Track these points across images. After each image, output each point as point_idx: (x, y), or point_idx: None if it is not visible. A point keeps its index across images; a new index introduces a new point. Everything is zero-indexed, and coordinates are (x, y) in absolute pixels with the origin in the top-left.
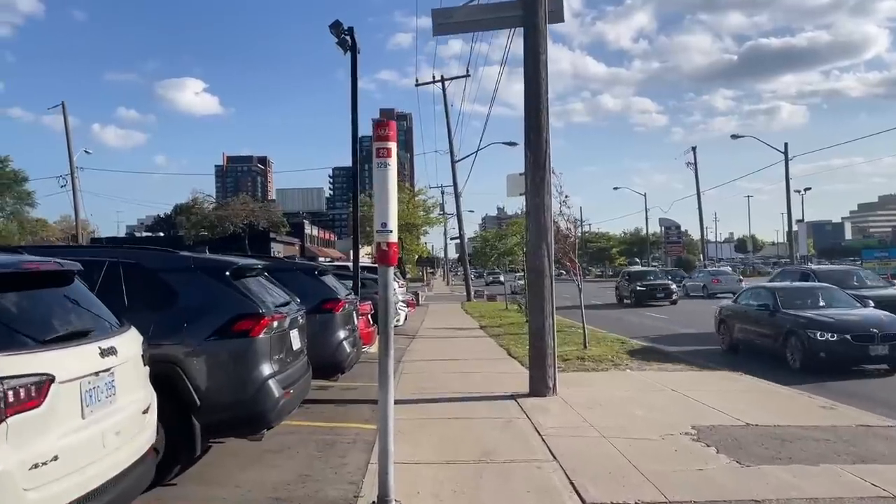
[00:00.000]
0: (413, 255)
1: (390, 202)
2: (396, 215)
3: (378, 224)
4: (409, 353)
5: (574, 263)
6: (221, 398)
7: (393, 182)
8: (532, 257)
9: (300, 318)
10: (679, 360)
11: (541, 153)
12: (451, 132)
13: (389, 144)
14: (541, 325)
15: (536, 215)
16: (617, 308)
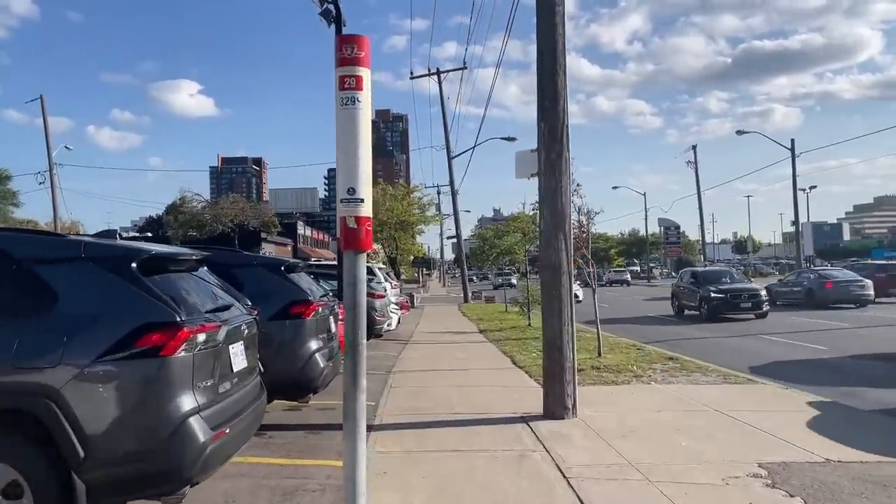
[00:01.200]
0: (408, 255)
1: (360, 157)
2: (370, 178)
3: (342, 189)
4: (401, 361)
5: (587, 261)
6: (119, 446)
7: (364, 127)
8: (546, 251)
9: (247, 327)
10: (707, 369)
11: (557, 124)
12: (447, 127)
13: (359, 71)
14: (557, 332)
15: (552, 200)
16: (683, 323)
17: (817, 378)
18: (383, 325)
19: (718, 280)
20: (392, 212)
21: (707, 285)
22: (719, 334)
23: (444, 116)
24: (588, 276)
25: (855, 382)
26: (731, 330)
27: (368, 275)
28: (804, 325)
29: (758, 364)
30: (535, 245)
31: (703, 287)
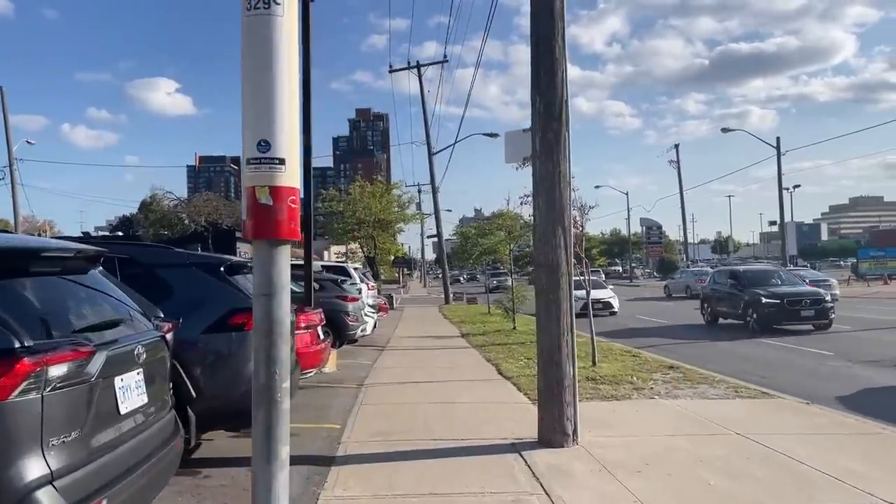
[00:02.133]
0: (388, 255)
1: (277, 92)
2: (295, 127)
3: (250, 144)
4: (375, 372)
5: (581, 261)
6: None
7: (287, 47)
8: (541, 248)
9: (149, 349)
10: (713, 380)
11: (555, 99)
12: (427, 122)
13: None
14: (555, 343)
15: (549, 188)
16: (727, 334)
17: None
18: (357, 331)
19: (767, 282)
20: (370, 210)
21: (754, 288)
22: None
23: (424, 112)
24: (582, 277)
25: None
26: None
27: (342, 276)
28: None
29: (846, 393)
30: (518, 245)
31: (749, 291)
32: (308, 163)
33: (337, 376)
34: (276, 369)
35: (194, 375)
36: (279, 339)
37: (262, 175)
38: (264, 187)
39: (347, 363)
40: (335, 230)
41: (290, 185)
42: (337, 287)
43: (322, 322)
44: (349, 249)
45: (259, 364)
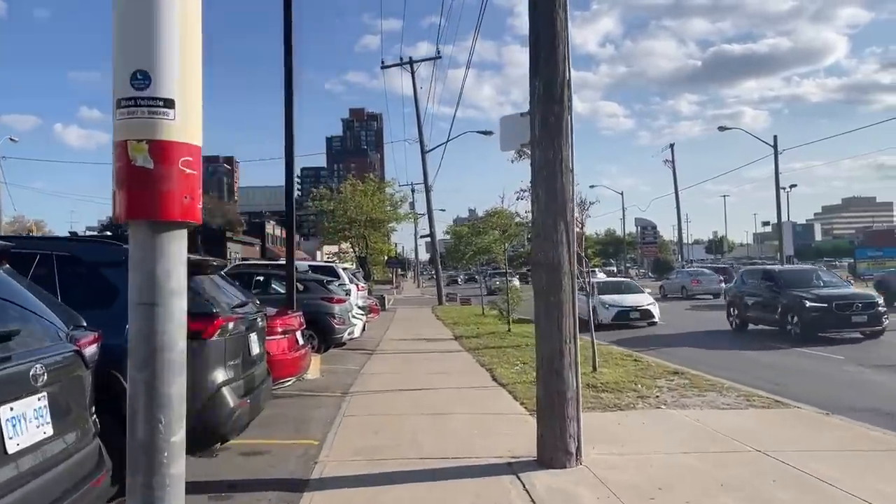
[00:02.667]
0: (380, 254)
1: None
2: (197, 61)
3: (120, 81)
4: (362, 378)
5: (581, 260)
6: None
7: None
8: (541, 245)
9: (53, 368)
10: (722, 387)
11: (556, 79)
12: (420, 119)
13: None
14: (556, 351)
15: (550, 177)
16: (761, 342)
17: None
18: (343, 334)
19: (808, 283)
20: (361, 208)
21: (793, 290)
22: None
23: (416, 109)
24: (580, 278)
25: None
26: None
27: (330, 276)
28: None
29: None
30: (512, 244)
31: (788, 293)
32: (290, 153)
33: (320, 383)
34: (163, 416)
35: None
36: (167, 369)
37: (139, 124)
38: (141, 142)
39: (333, 368)
40: (325, 229)
41: (185, 142)
42: (322, 288)
43: (302, 326)
44: (340, 249)
45: (135, 408)
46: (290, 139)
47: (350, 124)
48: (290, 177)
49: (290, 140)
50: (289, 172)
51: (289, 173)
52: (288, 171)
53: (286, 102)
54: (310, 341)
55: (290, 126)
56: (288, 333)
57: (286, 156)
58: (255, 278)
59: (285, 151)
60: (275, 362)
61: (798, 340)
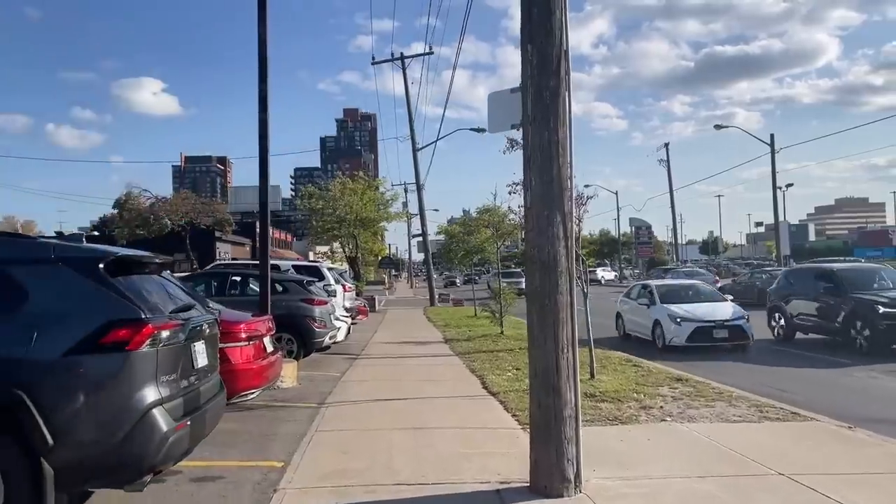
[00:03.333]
0: (370, 254)
1: None
2: None
3: None
4: (342, 387)
5: (578, 259)
6: None
7: None
8: (535, 239)
9: None
10: (731, 396)
11: (552, 49)
12: (411, 117)
13: None
14: (551, 363)
15: (545, 161)
16: (821, 357)
17: None
18: (325, 338)
19: (872, 284)
20: (351, 207)
21: (859, 293)
22: None
23: (408, 105)
24: (579, 278)
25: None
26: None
27: (314, 277)
28: None
29: None
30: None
31: (852, 296)
32: (264, 135)
33: (295, 393)
34: None
35: (53, 413)
36: None
37: None
38: None
39: (312, 375)
40: (314, 228)
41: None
42: (302, 289)
43: (270, 331)
44: (331, 249)
45: None
46: (265, 125)
47: (344, 124)
48: (265, 167)
49: (265, 125)
50: (262, 162)
51: (263, 167)
52: (262, 162)
53: (260, 96)
54: (287, 346)
55: (264, 107)
56: (253, 339)
57: (260, 151)
58: (230, 279)
59: (259, 143)
60: (237, 372)
61: (866, 354)
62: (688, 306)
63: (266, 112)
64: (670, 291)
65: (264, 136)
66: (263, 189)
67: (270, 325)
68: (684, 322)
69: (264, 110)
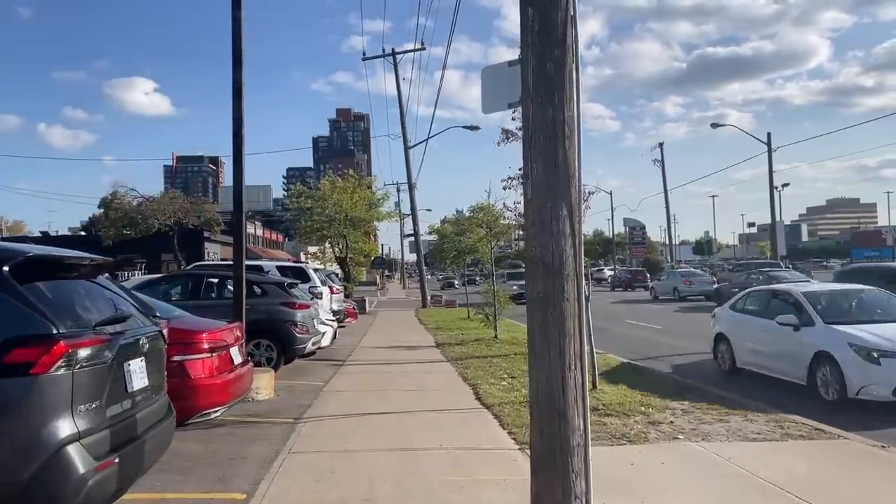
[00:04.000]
0: (360, 255)
1: None
2: None
3: None
4: (323, 399)
5: None
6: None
7: None
8: (537, 236)
9: None
10: (745, 410)
11: (556, 12)
12: (403, 113)
13: None
14: (555, 382)
15: (549, 143)
16: None
17: None
18: (307, 343)
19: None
20: (341, 206)
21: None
22: None
23: (400, 102)
24: None
25: None
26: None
27: (299, 278)
28: None
29: None
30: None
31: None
32: (238, 133)
33: (271, 406)
34: None
35: None
36: None
37: None
38: None
39: (291, 385)
40: (302, 228)
41: None
42: (283, 292)
43: (239, 340)
44: (320, 250)
45: None
46: (239, 122)
47: (337, 124)
48: (239, 166)
49: (239, 122)
50: (237, 163)
51: (237, 164)
52: (236, 164)
53: (234, 87)
54: (267, 353)
55: (238, 98)
56: (218, 350)
57: (234, 147)
58: (206, 281)
59: (234, 139)
60: (198, 388)
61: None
62: (879, 328)
63: (241, 102)
64: (834, 302)
65: (238, 134)
66: (238, 187)
67: (239, 333)
68: (886, 358)
69: (238, 100)
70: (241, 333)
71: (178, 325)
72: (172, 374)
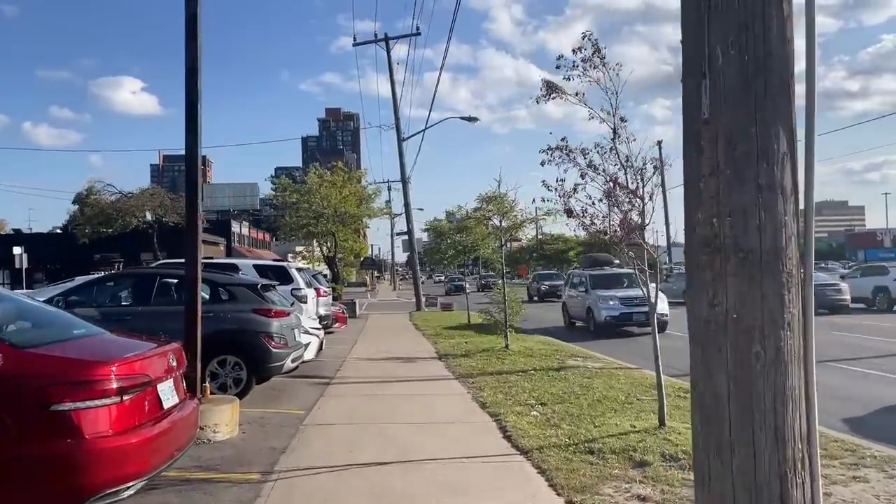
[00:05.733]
0: (350, 254)
1: None
2: None
3: None
4: (303, 438)
5: (642, 253)
6: None
7: None
8: (725, 195)
9: None
10: None
11: None
12: (396, 103)
13: None
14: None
15: (745, 16)
16: None
17: None
18: (286, 360)
19: None
20: (329, 201)
21: None
22: None
23: (393, 92)
24: (643, 277)
25: None
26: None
27: (277, 279)
28: None
29: None
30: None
31: None
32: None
33: (233, 451)
34: None
35: None
36: None
37: None
38: None
39: (264, 415)
40: (286, 225)
41: None
42: (255, 296)
43: (174, 372)
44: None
45: None
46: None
47: (326, 124)
48: (194, 125)
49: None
50: (190, 121)
51: (190, 121)
52: (189, 121)
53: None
54: (234, 373)
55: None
56: (133, 390)
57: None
58: (161, 281)
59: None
60: (94, 455)
61: None
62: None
63: (196, 79)
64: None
65: (193, 69)
66: (193, 141)
67: (172, 362)
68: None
69: (194, 77)
70: (174, 363)
71: (63, 352)
72: (50, 434)
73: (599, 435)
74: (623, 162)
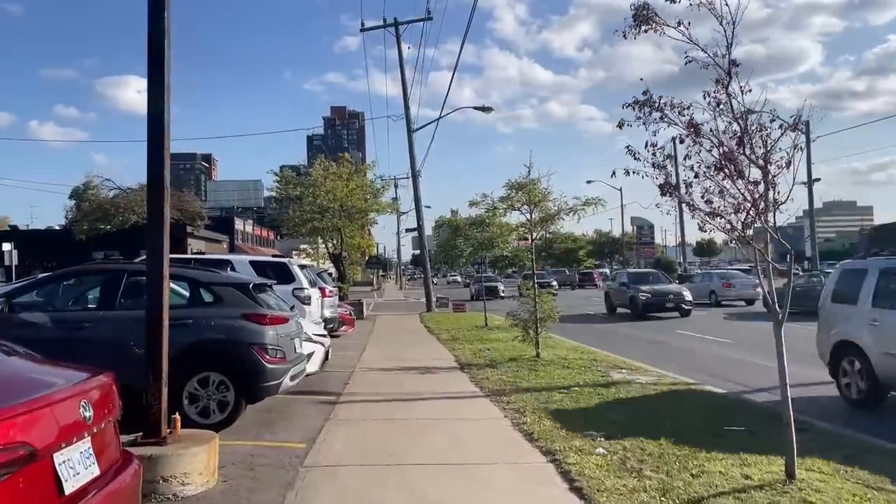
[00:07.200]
0: (356, 251)
1: None
2: None
3: None
4: (304, 485)
5: (772, 242)
6: None
7: None
8: None
9: None
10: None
11: None
12: (406, 92)
13: None
14: None
15: None
16: None
17: None
18: (284, 377)
19: None
20: (334, 194)
21: None
22: None
23: (402, 79)
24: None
25: None
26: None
27: (277, 278)
28: None
29: None
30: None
31: None
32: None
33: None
34: None
35: None
36: None
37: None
38: None
39: (253, 453)
40: (289, 220)
41: None
42: (245, 298)
43: (105, 418)
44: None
45: None
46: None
47: (331, 122)
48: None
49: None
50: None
51: (154, 71)
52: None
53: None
54: (219, 394)
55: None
56: (13, 466)
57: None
58: (130, 280)
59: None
60: None
61: None
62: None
63: (164, 13)
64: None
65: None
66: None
67: (91, 405)
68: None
69: (160, 10)
70: (106, 401)
71: None
72: None
73: (706, 492)
74: (741, 120)
